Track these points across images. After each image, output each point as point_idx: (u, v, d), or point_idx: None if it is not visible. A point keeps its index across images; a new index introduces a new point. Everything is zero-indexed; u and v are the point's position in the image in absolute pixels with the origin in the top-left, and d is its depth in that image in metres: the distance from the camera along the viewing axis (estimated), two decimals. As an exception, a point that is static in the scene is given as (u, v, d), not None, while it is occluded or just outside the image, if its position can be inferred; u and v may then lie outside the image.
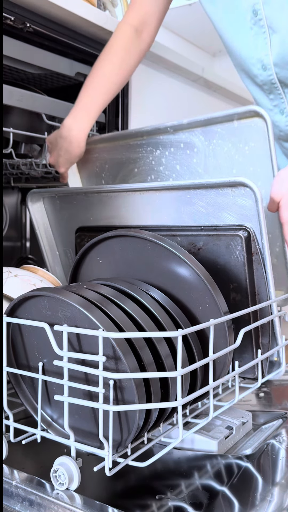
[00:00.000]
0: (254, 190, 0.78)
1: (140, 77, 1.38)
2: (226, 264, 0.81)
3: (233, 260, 0.81)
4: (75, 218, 1.04)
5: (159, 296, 0.73)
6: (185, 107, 1.61)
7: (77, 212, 1.03)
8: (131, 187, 0.92)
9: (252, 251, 0.80)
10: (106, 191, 0.96)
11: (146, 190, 0.91)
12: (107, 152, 1.13)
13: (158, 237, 0.75)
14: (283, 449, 0.76)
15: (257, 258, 0.80)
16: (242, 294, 0.81)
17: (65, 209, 1.06)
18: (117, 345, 0.59)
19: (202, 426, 0.73)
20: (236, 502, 0.62)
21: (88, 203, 1.01)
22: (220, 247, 0.82)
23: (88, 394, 0.64)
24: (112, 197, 0.96)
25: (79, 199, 1.02)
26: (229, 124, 0.95)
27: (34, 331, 0.68)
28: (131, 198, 0.93)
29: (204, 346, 0.72)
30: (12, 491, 0.64)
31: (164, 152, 1.02)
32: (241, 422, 0.81)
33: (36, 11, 1.10)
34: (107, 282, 0.73)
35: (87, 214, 1.02)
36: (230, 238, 0.81)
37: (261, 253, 0.80)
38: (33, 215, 1.09)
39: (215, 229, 0.84)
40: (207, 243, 0.83)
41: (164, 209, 0.90)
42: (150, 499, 0.62)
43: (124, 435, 0.62)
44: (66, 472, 0.62)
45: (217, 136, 0.97)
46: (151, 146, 1.06)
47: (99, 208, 0.99)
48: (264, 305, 0.81)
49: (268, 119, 0.87)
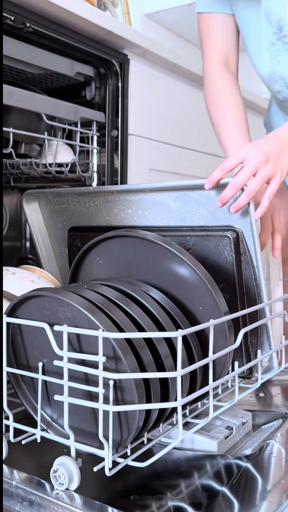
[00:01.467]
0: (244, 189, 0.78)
1: (140, 77, 1.38)
2: (215, 264, 0.82)
3: (222, 260, 0.81)
4: (70, 219, 1.05)
5: (159, 296, 0.73)
6: (185, 107, 1.61)
7: (72, 213, 1.04)
8: (126, 188, 0.93)
9: (240, 252, 0.81)
10: (101, 192, 0.96)
11: (140, 192, 0.91)
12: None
13: (159, 237, 0.75)
14: (283, 449, 0.76)
15: (245, 258, 0.81)
16: (231, 294, 0.81)
17: (59, 210, 1.06)
18: (117, 345, 0.59)
19: (202, 426, 0.73)
20: (235, 502, 0.62)
21: (82, 204, 1.01)
22: (209, 248, 0.82)
23: (88, 394, 0.65)
24: (107, 198, 0.96)
25: (73, 200, 1.02)
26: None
27: (34, 331, 0.68)
28: (125, 199, 0.93)
29: (204, 346, 0.72)
30: (12, 491, 0.64)
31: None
32: (241, 422, 0.81)
33: (36, 11, 1.10)
34: (107, 283, 0.73)
35: (81, 215, 1.02)
36: (219, 238, 0.81)
37: (249, 253, 0.81)
38: (29, 215, 1.09)
39: (204, 230, 0.84)
40: (197, 243, 0.84)
41: (158, 209, 0.90)
42: (150, 499, 0.62)
43: (124, 435, 0.63)
44: (66, 472, 0.62)
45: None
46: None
47: (93, 208, 0.99)
48: (264, 305, 0.81)
49: None
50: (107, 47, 1.28)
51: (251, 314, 0.82)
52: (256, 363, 0.81)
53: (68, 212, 1.04)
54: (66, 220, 1.06)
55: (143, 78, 1.40)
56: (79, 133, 1.25)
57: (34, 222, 1.10)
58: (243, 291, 0.82)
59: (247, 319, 0.83)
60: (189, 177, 1.60)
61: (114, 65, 1.32)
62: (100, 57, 1.28)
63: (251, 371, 0.85)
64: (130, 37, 1.28)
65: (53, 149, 1.22)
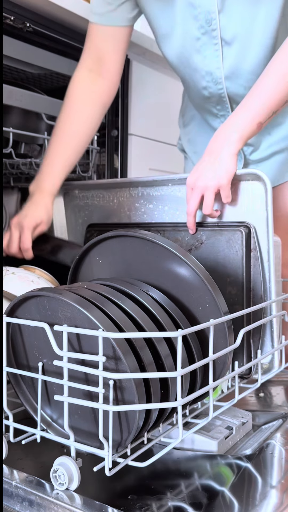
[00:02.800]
0: (265, 181, 0.81)
1: (140, 77, 1.38)
2: (226, 258, 0.83)
3: (232, 254, 0.83)
4: (91, 214, 1.07)
5: (159, 296, 0.73)
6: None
7: (94, 208, 1.06)
8: (151, 179, 0.95)
9: (251, 247, 0.82)
10: (126, 183, 0.99)
11: (164, 183, 0.94)
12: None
13: (158, 237, 0.75)
14: (283, 449, 0.76)
15: (255, 255, 0.82)
16: (238, 288, 0.82)
17: (83, 205, 1.08)
18: (117, 345, 0.59)
19: (202, 426, 0.73)
20: (235, 502, 0.62)
21: (106, 199, 1.03)
22: (221, 242, 0.85)
23: (88, 394, 0.64)
24: (131, 193, 0.98)
25: (98, 195, 1.04)
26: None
27: (34, 331, 0.68)
28: (148, 194, 0.96)
29: (204, 346, 0.72)
30: (12, 491, 0.64)
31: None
32: (241, 422, 0.81)
33: (36, 11, 1.10)
34: (107, 282, 0.73)
35: (103, 210, 1.04)
36: (231, 233, 0.84)
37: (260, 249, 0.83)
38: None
39: (218, 225, 0.87)
40: (209, 237, 0.87)
41: (178, 204, 0.93)
42: (149, 499, 0.62)
43: (124, 435, 0.62)
44: (66, 472, 0.62)
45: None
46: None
47: (116, 204, 1.01)
48: (264, 305, 0.81)
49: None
50: (107, 47, 1.28)
51: (255, 312, 0.82)
52: (256, 363, 0.81)
53: (91, 207, 1.06)
54: (87, 215, 1.07)
55: (143, 78, 1.40)
56: None
57: (56, 217, 1.11)
58: (250, 287, 0.84)
59: (251, 317, 0.83)
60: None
61: (114, 65, 1.31)
62: (100, 57, 1.27)
63: (250, 370, 0.86)
64: (130, 37, 1.28)
65: None
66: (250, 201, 0.86)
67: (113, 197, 1.02)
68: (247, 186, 0.86)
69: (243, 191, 0.87)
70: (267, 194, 0.83)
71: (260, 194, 0.84)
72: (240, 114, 0.90)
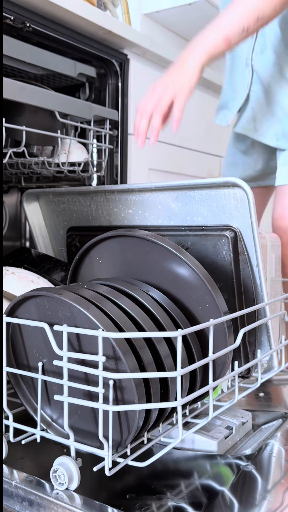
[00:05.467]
0: (245, 189, 0.78)
1: (140, 76, 1.38)
2: (213, 263, 0.82)
3: (220, 259, 0.82)
4: (70, 219, 1.05)
5: (159, 296, 0.73)
6: (185, 107, 1.61)
7: (72, 213, 1.04)
8: (126, 187, 0.93)
9: (238, 251, 0.81)
10: (102, 191, 0.96)
11: (141, 191, 0.91)
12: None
13: (158, 237, 0.75)
14: (283, 449, 0.76)
15: (243, 258, 0.81)
16: (229, 293, 0.82)
17: (60, 210, 1.06)
18: (117, 345, 0.59)
19: (202, 426, 0.73)
20: (235, 502, 0.62)
21: (83, 204, 1.01)
22: (208, 247, 0.83)
23: (88, 394, 0.64)
24: (107, 198, 0.96)
25: (74, 200, 1.02)
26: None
27: (34, 331, 0.68)
28: (126, 199, 0.93)
29: (203, 346, 0.72)
30: (12, 491, 0.64)
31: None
32: (241, 422, 0.81)
33: (36, 10, 1.10)
34: (107, 282, 0.73)
35: (82, 215, 1.02)
36: (217, 238, 0.82)
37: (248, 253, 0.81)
38: (29, 215, 1.10)
39: (202, 229, 0.85)
40: (195, 243, 0.84)
41: (158, 210, 0.90)
42: (149, 499, 0.62)
43: (124, 435, 0.63)
44: (66, 472, 0.62)
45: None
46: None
47: (94, 209, 0.99)
48: (264, 305, 0.81)
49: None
50: (107, 47, 1.28)
51: (249, 313, 0.82)
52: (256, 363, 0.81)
53: (69, 212, 1.04)
54: (66, 220, 1.05)
55: (143, 78, 1.40)
56: (92, 131, 1.23)
57: (34, 222, 1.10)
58: (241, 291, 0.83)
59: (245, 319, 0.83)
60: (189, 177, 1.60)
61: (114, 65, 1.31)
62: (100, 57, 1.28)
63: (249, 370, 0.86)
64: (130, 37, 1.28)
65: (66, 148, 1.19)
66: (233, 207, 0.83)
67: (89, 201, 0.99)
68: (230, 192, 0.82)
69: (223, 196, 0.83)
70: (250, 202, 0.79)
71: (242, 201, 0.81)
72: (209, 28, 0.93)
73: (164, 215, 0.90)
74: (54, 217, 1.08)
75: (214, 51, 0.91)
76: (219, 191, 0.82)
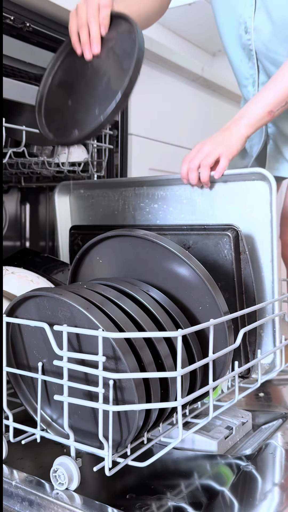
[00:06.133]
0: (270, 179, 0.83)
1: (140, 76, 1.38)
2: (215, 262, 0.82)
3: (221, 259, 0.83)
4: (96, 214, 1.08)
5: (159, 296, 0.73)
6: (185, 107, 1.61)
7: (98, 208, 1.07)
8: (156, 178, 0.98)
9: (240, 250, 0.82)
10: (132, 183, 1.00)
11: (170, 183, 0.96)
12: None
13: (158, 237, 0.75)
14: (283, 449, 0.76)
15: (244, 257, 0.82)
16: (230, 292, 0.82)
17: (87, 204, 1.09)
18: (117, 345, 0.59)
19: (202, 426, 0.73)
20: (235, 502, 0.62)
21: (111, 198, 1.04)
22: (209, 246, 0.84)
23: (88, 394, 0.64)
24: (136, 192, 0.99)
25: (103, 195, 1.06)
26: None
27: (34, 331, 0.68)
28: (153, 193, 0.98)
29: (204, 346, 0.72)
30: (12, 491, 0.64)
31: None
32: (241, 422, 0.81)
33: (36, 10, 1.10)
34: (107, 282, 0.73)
35: (107, 210, 1.05)
36: (218, 237, 0.83)
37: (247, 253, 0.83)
38: (58, 208, 1.12)
39: (204, 229, 0.86)
40: (197, 242, 0.86)
41: (182, 205, 0.95)
42: (149, 499, 0.62)
43: (124, 435, 0.62)
44: (66, 472, 0.62)
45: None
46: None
47: (121, 203, 1.02)
48: (265, 304, 0.81)
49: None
50: (107, 47, 1.28)
51: (250, 313, 0.82)
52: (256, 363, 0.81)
53: (96, 207, 1.07)
54: (92, 215, 1.09)
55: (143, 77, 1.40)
56: None
57: (62, 216, 1.13)
58: (242, 290, 0.83)
59: (245, 318, 0.83)
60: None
61: (114, 65, 1.31)
62: (100, 57, 1.27)
63: (249, 370, 0.85)
64: (130, 37, 1.28)
65: (66, 148, 1.20)
66: (253, 201, 0.86)
67: (118, 195, 1.03)
68: (251, 186, 0.87)
69: (247, 190, 0.88)
70: (272, 195, 0.83)
71: (264, 194, 0.85)
72: (252, 101, 1.01)
73: (188, 210, 0.94)
74: (81, 212, 1.10)
75: (259, 124, 0.99)
76: (241, 184, 0.87)
